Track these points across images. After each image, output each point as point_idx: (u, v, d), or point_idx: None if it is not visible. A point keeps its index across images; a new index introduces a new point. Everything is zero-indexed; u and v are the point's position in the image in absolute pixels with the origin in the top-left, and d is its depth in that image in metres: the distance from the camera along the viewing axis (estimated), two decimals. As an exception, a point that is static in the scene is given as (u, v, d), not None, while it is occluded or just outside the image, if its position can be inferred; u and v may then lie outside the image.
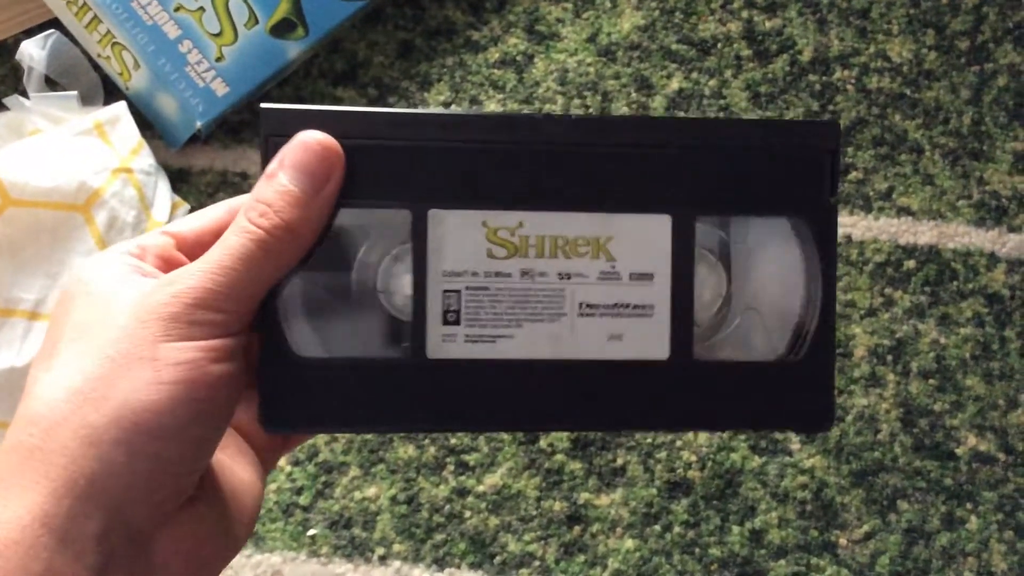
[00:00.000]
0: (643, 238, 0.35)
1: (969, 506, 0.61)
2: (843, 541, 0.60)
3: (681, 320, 0.35)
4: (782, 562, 0.60)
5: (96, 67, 0.69)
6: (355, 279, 0.36)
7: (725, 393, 0.35)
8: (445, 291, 0.35)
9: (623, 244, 0.35)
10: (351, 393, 0.34)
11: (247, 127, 0.70)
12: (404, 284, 0.35)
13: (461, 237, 0.35)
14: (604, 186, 0.35)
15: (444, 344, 0.34)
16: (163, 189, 0.66)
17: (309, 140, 0.33)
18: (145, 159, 0.65)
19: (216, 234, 0.34)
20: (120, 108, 0.66)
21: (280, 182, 0.33)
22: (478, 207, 0.34)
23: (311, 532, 0.60)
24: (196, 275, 0.31)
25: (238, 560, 0.60)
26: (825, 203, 0.36)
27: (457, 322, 0.35)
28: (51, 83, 0.67)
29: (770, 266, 0.37)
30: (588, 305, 0.35)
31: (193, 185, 0.68)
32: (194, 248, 0.35)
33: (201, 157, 0.68)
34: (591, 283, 0.35)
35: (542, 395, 0.35)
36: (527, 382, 0.35)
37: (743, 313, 0.37)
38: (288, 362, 0.34)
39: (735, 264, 0.36)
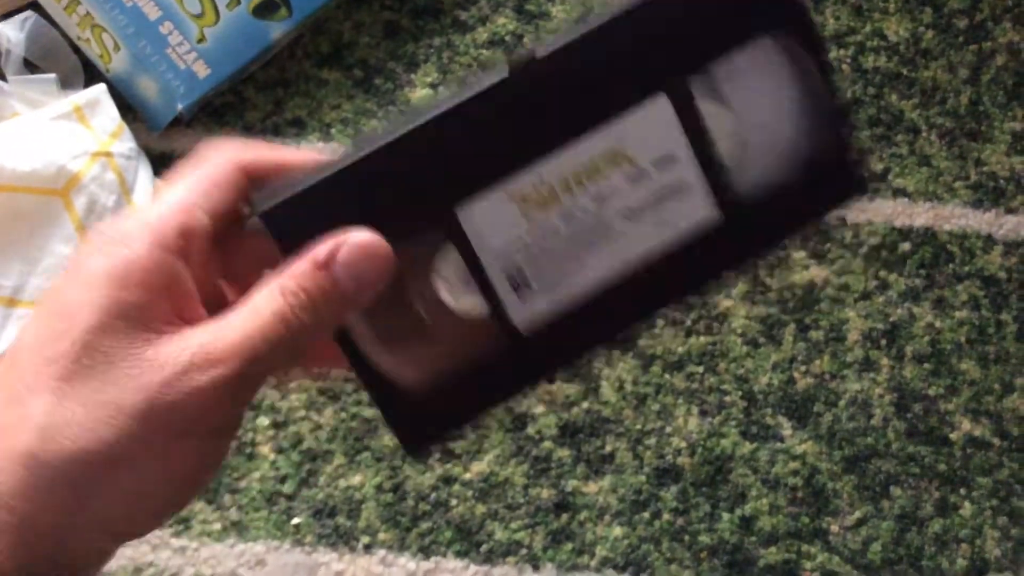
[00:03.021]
0: (650, 127, 0.35)
1: (963, 492, 0.60)
2: (835, 528, 0.59)
3: (717, 180, 0.36)
4: (772, 549, 0.59)
5: (76, 50, 0.68)
6: (414, 301, 0.36)
7: (780, 210, 0.37)
8: (504, 269, 0.35)
9: (635, 142, 0.35)
10: (466, 391, 0.36)
11: (230, 110, 0.69)
12: (457, 281, 0.36)
13: (495, 217, 0.35)
14: (591, 102, 0.35)
15: (527, 313, 0.36)
16: (144, 173, 0.65)
17: (366, 243, 0.32)
18: (125, 143, 0.64)
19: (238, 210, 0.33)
20: (100, 91, 0.65)
21: (331, 277, 0.32)
22: (494, 183, 0.35)
23: (295, 521, 0.60)
24: (230, 360, 0.30)
25: (221, 549, 0.59)
26: (800, 8, 0.36)
27: (531, 289, 0.36)
28: (30, 66, 0.66)
29: (770, 86, 0.37)
30: (630, 209, 0.36)
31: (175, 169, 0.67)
32: (222, 226, 0.33)
33: (183, 140, 0.67)
34: (625, 191, 0.36)
35: (626, 298, 0.36)
36: (608, 296, 0.36)
37: (762, 139, 0.38)
38: (398, 395, 0.35)
39: (737, 100, 0.37)
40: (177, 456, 0.31)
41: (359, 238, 0.32)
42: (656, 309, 0.40)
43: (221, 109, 0.69)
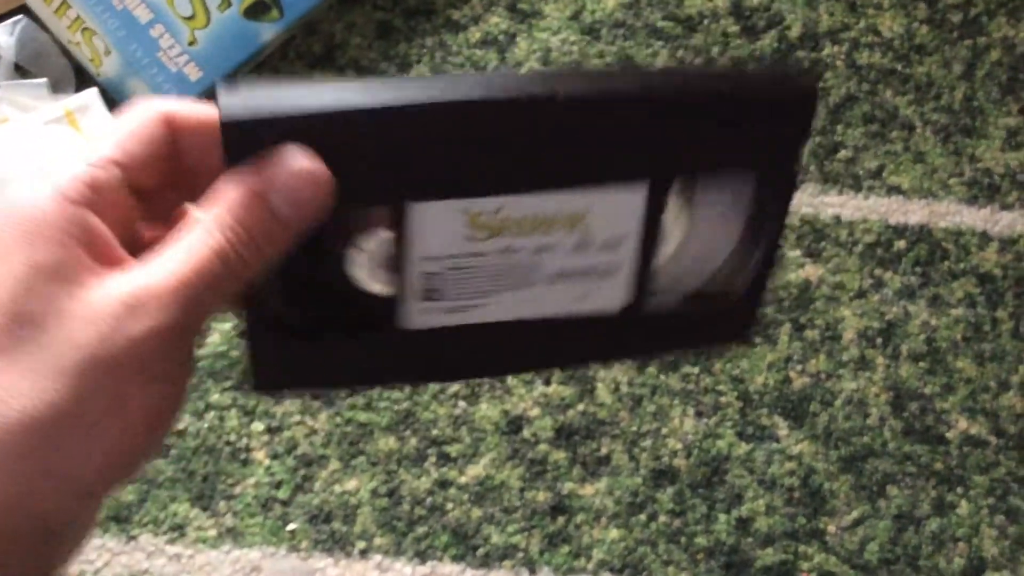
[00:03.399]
0: (619, 208, 0.35)
1: (960, 491, 0.60)
2: (831, 528, 0.59)
3: (642, 276, 0.36)
4: (769, 550, 0.59)
5: (66, 54, 0.67)
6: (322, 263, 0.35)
7: (673, 327, 0.39)
8: (425, 273, 0.34)
9: (599, 216, 0.35)
10: (334, 358, 0.35)
11: (222, 112, 0.68)
12: (375, 261, 0.35)
13: (441, 225, 0.34)
14: (584, 162, 0.34)
15: (423, 316, 0.35)
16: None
17: (303, 169, 0.30)
18: None
19: (162, 159, 0.32)
20: (91, 95, 0.65)
21: (269, 208, 0.30)
22: (458, 196, 0.33)
23: (291, 527, 0.60)
24: (168, 305, 0.29)
25: (216, 556, 0.59)
26: (794, 155, 0.36)
27: (438, 299, 0.35)
28: (20, 71, 0.65)
29: (733, 213, 0.38)
30: (559, 272, 0.36)
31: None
32: (139, 176, 0.32)
33: (175, 144, 0.67)
34: (565, 254, 0.35)
35: (506, 345, 0.37)
36: (493, 336, 0.36)
37: (698, 255, 0.38)
38: (274, 331, 0.34)
39: (700, 211, 0.37)
40: (131, 406, 0.30)
41: (301, 164, 0.30)
42: (529, 370, 0.40)
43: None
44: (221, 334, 0.63)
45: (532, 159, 0.34)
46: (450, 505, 0.59)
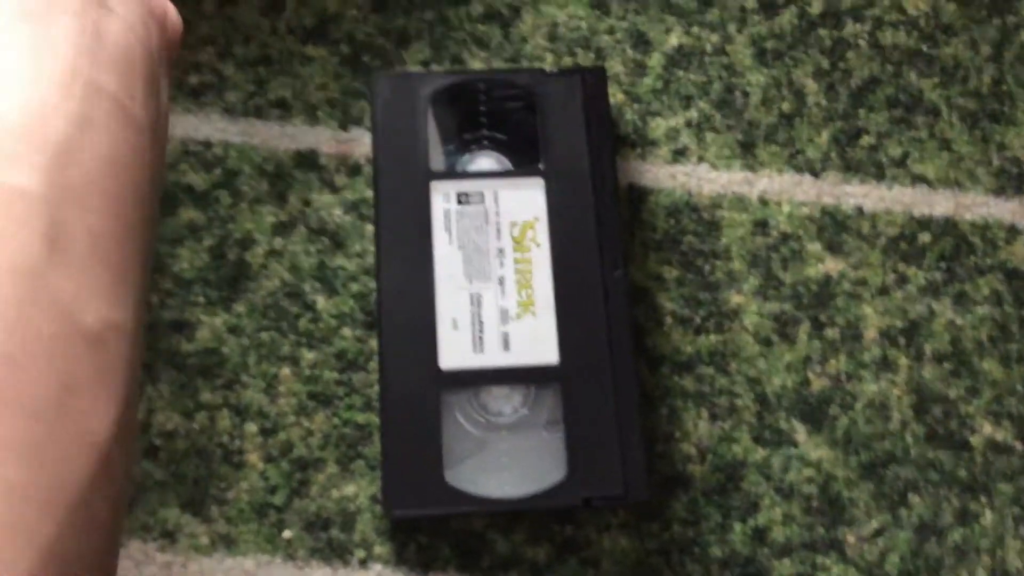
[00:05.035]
0: None
1: (984, 499, 0.58)
2: (851, 538, 0.57)
3: None
4: (786, 561, 0.56)
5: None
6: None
7: None
8: None
9: None
10: None
11: (209, 89, 0.64)
12: None
13: None
14: None
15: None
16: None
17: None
18: None
19: None
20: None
21: None
22: None
23: (286, 534, 0.57)
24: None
25: (208, 565, 0.56)
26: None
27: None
28: None
29: None
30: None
31: (151, 157, 0.63)
32: None
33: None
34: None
35: None
36: None
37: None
38: None
39: None
40: None
41: None
42: None
43: (199, 89, 0.64)
44: (211, 329, 0.60)
45: None
46: (454, 513, 0.57)
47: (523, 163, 0.61)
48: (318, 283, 0.61)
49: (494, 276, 0.58)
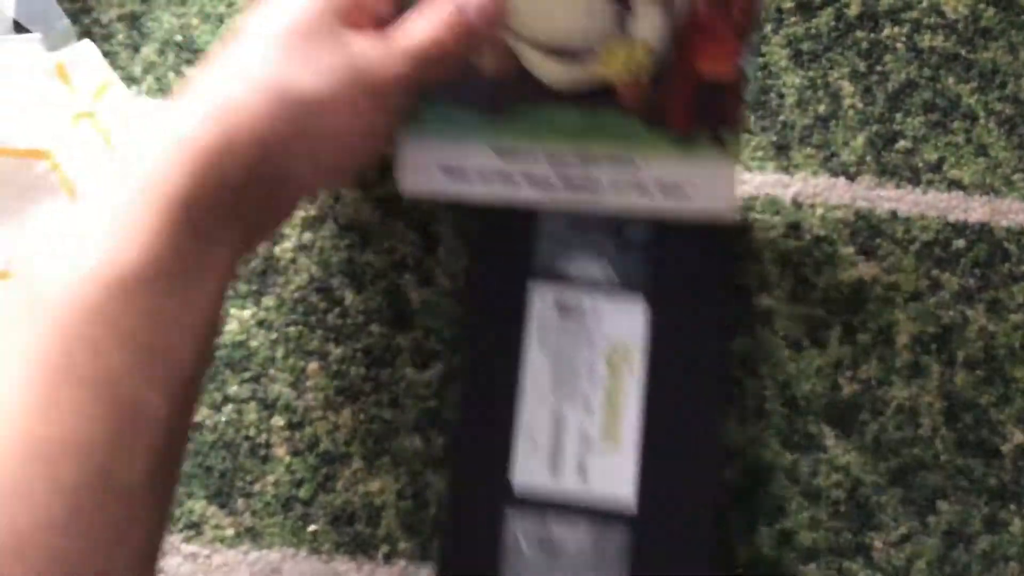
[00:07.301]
0: None
1: (1013, 507, 0.57)
2: (878, 544, 0.57)
3: None
4: (812, 566, 0.56)
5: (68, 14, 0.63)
6: None
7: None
8: None
9: None
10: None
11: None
12: None
13: None
14: None
15: None
16: (132, 130, 0.61)
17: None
18: (112, 100, 0.60)
19: None
20: (86, 47, 0.61)
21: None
22: None
23: (312, 528, 0.57)
24: (410, 61, 0.45)
25: (233, 557, 0.57)
26: None
27: None
28: (21, 29, 0.61)
29: None
30: None
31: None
32: None
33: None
34: None
35: None
36: None
37: None
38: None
39: None
40: (363, 113, 0.43)
41: None
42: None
43: (232, 82, 0.64)
44: (239, 322, 0.60)
45: None
46: (479, 511, 0.57)
47: (626, 271, 0.56)
48: (347, 278, 0.61)
49: (580, 396, 0.54)
